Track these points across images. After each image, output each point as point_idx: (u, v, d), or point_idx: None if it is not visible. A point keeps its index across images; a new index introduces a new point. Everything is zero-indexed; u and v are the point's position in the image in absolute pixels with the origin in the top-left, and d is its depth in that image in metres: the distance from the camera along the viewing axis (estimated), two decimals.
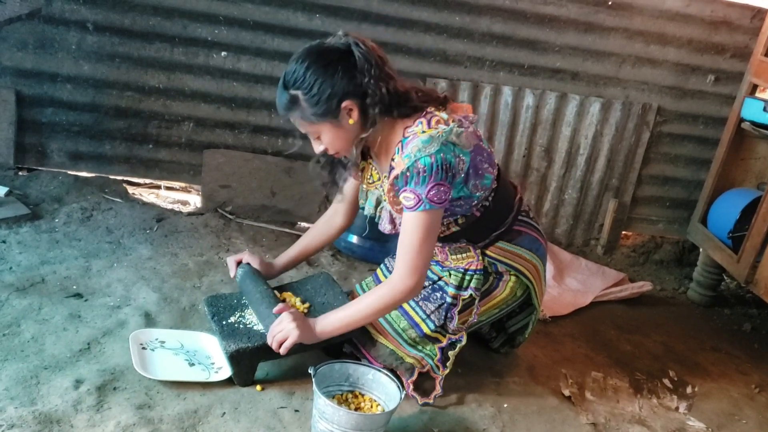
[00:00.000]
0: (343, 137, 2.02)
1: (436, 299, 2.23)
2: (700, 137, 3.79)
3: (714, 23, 3.57)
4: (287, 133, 3.45)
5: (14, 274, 2.47)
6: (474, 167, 2.05)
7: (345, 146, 2.05)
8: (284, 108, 2.00)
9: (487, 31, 3.45)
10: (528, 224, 2.32)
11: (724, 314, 3.44)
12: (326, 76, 1.92)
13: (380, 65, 1.97)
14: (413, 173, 1.93)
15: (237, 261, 2.40)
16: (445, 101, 2.09)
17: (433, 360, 2.21)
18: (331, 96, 1.92)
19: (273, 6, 3.26)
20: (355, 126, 1.99)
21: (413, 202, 1.95)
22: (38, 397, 1.89)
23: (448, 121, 1.98)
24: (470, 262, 2.22)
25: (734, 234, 3.20)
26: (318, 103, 1.93)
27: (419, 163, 1.92)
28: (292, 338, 2.01)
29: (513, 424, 2.20)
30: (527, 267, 2.28)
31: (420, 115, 2.01)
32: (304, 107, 1.95)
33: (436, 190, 1.93)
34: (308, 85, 1.93)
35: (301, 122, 2.01)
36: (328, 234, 2.46)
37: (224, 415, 1.96)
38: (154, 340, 2.20)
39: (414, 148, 1.93)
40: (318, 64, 1.93)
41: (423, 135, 1.93)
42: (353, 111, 1.96)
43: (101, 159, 3.39)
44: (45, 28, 3.14)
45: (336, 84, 1.92)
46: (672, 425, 2.39)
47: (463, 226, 2.17)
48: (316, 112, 1.95)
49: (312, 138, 2.07)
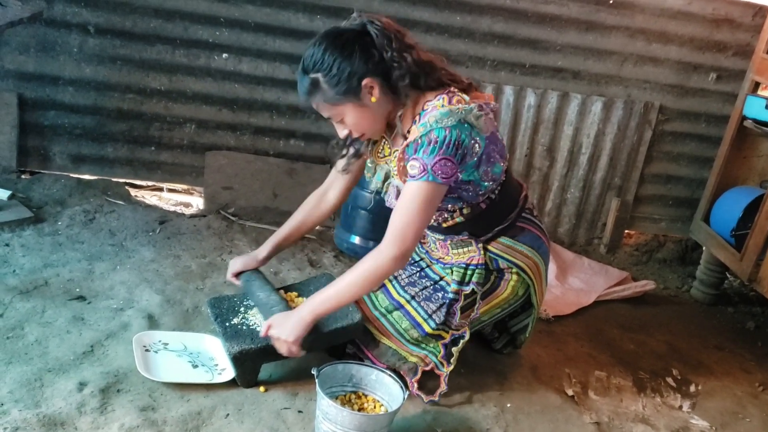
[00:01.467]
0: (367, 117, 2.02)
1: (437, 299, 2.23)
2: (703, 135, 3.79)
3: (716, 21, 3.57)
4: (289, 135, 3.46)
5: (18, 277, 2.48)
6: (487, 154, 2.04)
7: (370, 126, 2.05)
8: (306, 93, 2.00)
9: (489, 30, 3.45)
10: (531, 222, 2.31)
11: (728, 313, 3.44)
12: (344, 55, 1.93)
13: (399, 37, 1.97)
14: (424, 141, 1.92)
15: (234, 274, 2.38)
16: (470, 87, 2.09)
17: (437, 357, 2.21)
18: (351, 74, 1.93)
19: (274, 7, 3.26)
20: (377, 104, 1.99)
21: (417, 171, 1.94)
22: (42, 399, 1.89)
23: (469, 102, 1.98)
24: (471, 256, 2.21)
25: (737, 232, 3.20)
26: (339, 83, 1.94)
27: (433, 133, 1.92)
28: (293, 347, 2.01)
29: (516, 423, 2.19)
30: (528, 264, 2.27)
31: (443, 91, 2.00)
32: (325, 89, 1.96)
33: (442, 163, 1.92)
34: (327, 66, 1.93)
35: (324, 105, 2.01)
36: (319, 212, 2.38)
37: (228, 416, 1.96)
38: (157, 342, 2.21)
39: (431, 119, 1.93)
40: (335, 45, 1.94)
41: (443, 108, 1.93)
42: (374, 89, 1.96)
43: (103, 161, 3.40)
44: (46, 31, 3.15)
45: (354, 63, 1.93)
46: (676, 424, 2.39)
47: (467, 217, 2.17)
48: (337, 92, 1.95)
49: (335, 122, 2.07)
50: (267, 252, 2.39)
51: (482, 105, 2.01)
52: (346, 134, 2.07)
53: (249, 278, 2.34)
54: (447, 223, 2.19)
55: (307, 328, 2.02)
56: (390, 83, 1.98)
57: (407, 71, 1.96)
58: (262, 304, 2.20)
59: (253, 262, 2.38)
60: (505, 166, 2.16)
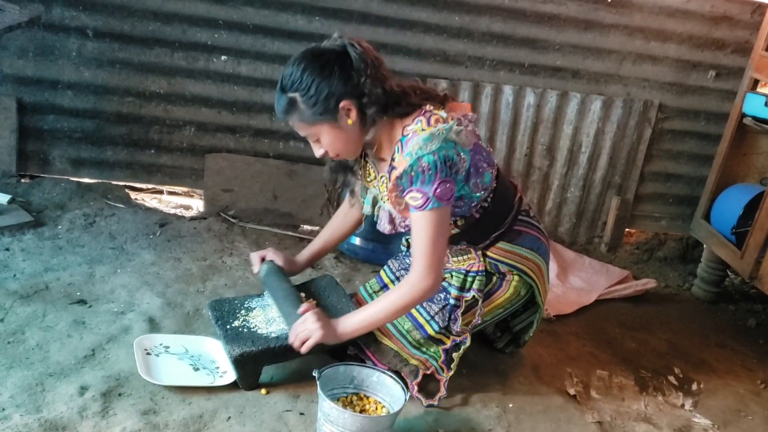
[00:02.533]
0: (342, 138, 2.02)
1: (439, 300, 2.23)
2: (702, 133, 3.78)
3: (714, 19, 3.57)
4: (288, 136, 3.46)
5: (18, 282, 2.48)
6: (474, 165, 2.06)
7: (345, 147, 2.06)
8: (283, 111, 2.01)
9: (487, 30, 3.45)
10: (529, 224, 2.31)
11: (729, 310, 3.44)
12: (323, 76, 1.93)
13: (376, 65, 1.98)
14: (418, 172, 1.93)
15: (261, 257, 2.41)
16: (445, 99, 2.10)
17: (437, 362, 2.21)
18: (328, 96, 1.93)
19: (272, 9, 3.26)
20: (354, 126, 2.00)
21: (421, 201, 1.95)
22: (44, 404, 1.89)
23: (447, 120, 1.98)
24: (471, 263, 2.22)
25: (737, 230, 3.20)
26: (316, 104, 1.94)
27: (423, 162, 1.92)
28: (315, 338, 2.03)
29: (518, 423, 2.19)
30: (529, 266, 2.27)
31: (419, 113, 2.01)
32: (302, 109, 1.97)
33: (442, 187, 1.94)
34: (306, 86, 1.94)
35: (300, 125, 2.02)
36: (346, 227, 2.48)
37: (230, 419, 1.96)
38: (158, 345, 2.21)
39: (415, 146, 1.93)
40: (314, 66, 1.94)
41: (423, 133, 1.94)
42: (351, 111, 1.97)
43: (103, 165, 3.39)
44: (45, 36, 3.15)
45: (333, 84, 1.93)
46: (678, 422, 2.39)
47: (462, 228, 2.18)
48: (314, 113, 1.96)
49: (312, 141, 2.08)
50: (301, 265, 2.48)
51: (460, 119, 2.02)
52: (322, 153, 2.08)
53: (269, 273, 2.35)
54: None
55: (333, 341, 2.08)
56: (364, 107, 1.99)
57: (376, 101, 1.96)
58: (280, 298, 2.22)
59: (288, 264, 2.42)
60: (494, 172, 2.17)
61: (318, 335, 2.02)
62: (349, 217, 2.45)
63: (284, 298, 2.21)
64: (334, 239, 2.51)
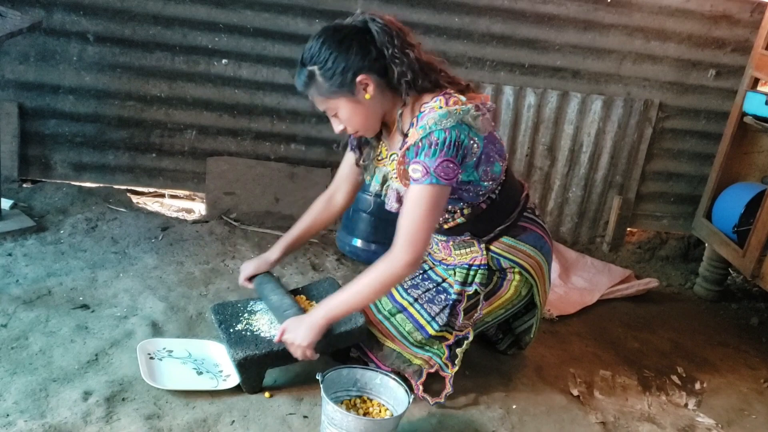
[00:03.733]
0: (360, 113, 2.03)
1: (440, 301, 2.23)
2: (703, 132, 3.78)
3: (714, 18, 3.57)
4: (289, 139, 3.46)
5: (21, 287, 2.48)
6: (486, 154, 2.05)
7: (363, 122, 2.06)
8: (302, 84, 2.02)
9: (487, 31, 3.45)
10: (534, 221, 2.31)
11: (731, 309, 3.43)
12: (340, 50, 1.95)
13: (401, 36, 1.99)
14: (425, 144, 1.93)
15: (246, 278, 2.39)
16: (467, 88, 2.10)
17: (441, 359, 2.21)
18: (345, 69, 1.95)
19: (272, 12, 3.27)
20: (372, 101, 2.00)
21: (420, 174, 1.94)
22: (48, 409, 1.89)
23: (466, 103, 1.98)
24: (474, 257, 2.21)
25: (739, 228, 3.19)
26: (333, 77, 1.96)
27: (433, 135, 1.92)
28: (308, 351, 2.02)
29: (522, 425, 2.19)
30: (530, 264, 2.27)
31: (439, 92, 2.01)
32: (320, 82, 1.98)
33: (445, 165, 1.93)
34: (323, 59, 1.95)
35: (318, 98, 2.03)
36: (328, 214, 2.41)
37: (233, 423, 1.97)
38: (161, 349, 2.21)
39: (430, 120, 1.93)
40: (333, 40, 1.97)
41: (440, 110, 1.94)
42: (369, 86, 1.98)
43: (105, 169, 3.40)
44: (46, 41, 3.15)
45: (350, 58, 1.95)
46: (681, 422, 2.39)
47: (468, 218, 2.17)
48: (331, 86, 1.97)
49: (330, 116, 2.08)
50: (278, 254, 2.40)
51: (479, 105, 2.02)
52: (341, 129, 2.08)
53: (261, 281, 2.34)
54: (448, 224, 2.19)
55: (321, 332, 2.04)
56: (387, 81, 2.00)
57: (408, 68, 1.97)
58: (276, 308, 2.21)
59: (265, 265, 2.39)
60: (504, 165, 2.17)
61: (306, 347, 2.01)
62: (334, 202, 2.40)
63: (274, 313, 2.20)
64: (315, 226, 2.43)
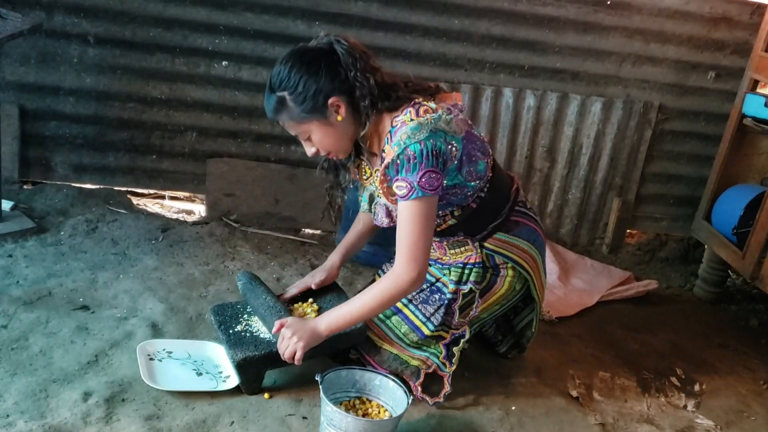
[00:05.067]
0: (332, 135, 2.03)
1: (435, 301, 2.23)
2: (702, 134, 3.79)
3: (713, 20, 3.57)
4: (290, 141, 3.47)
5: (21, 288, 2.49)
6: (467, 154, 2.05)
7: (336, 144, 2.06)
8: (273, 111, 2.02)
9: (487, 33, 3.45)
10: (525, 215, 2.31)
11: (731, 311, 3.44)
12: (310, 73, 1.95)
13: (364, 59, 1.99)
14: (403, 161, 1.93)
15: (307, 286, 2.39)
16: (436, 91, 2.10)
17: (439, 358, 2.21)
18: (316, 92, 1.95)
19: (273, 14, 3.27)
20: (343, 123, 2.01)
21: (405, 191, 1.95)
22: (48, 410, 1.90)
23: (437, 110, 1.98)
24: (469, 255, 2.22)
25: (739, 230, 3.19)
26: (305, 101, 1.96)
27: (409, 150, 1.92)
28: (300, 351, 2.02)
29: (521, 426, 2.20)
30: (525, 258, 2.26)
31: (407, 105, 2.01)
32: (291, 107, 1.98)
33: (427, 176, 1.93)
34: (293, 84, 1.95)
35: (290, 123, 2.03)
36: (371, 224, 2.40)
37: (233, 424, 1.97)
38: (161, 350, 2.21)
39: (403, 136, 1.93)
40: (301, 63, 1.96)
41: (411, 123, 1.94)
42: (341, 107, 1.98)
43: (105, 171, 3.40)
44: (47, 42, 3.16)
45: (321, 80, 1.95)
46: (680, 423, 2.39)
47: (459, 219, 2.17)
48: (303, 110, 1.97)
49: (303, 140, 2.08)
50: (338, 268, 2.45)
51: (450, 108, 2.03)
52: (313, 152, 2.09)
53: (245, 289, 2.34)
54: (440, 227, 2.19)
55: (319, 341, 2.06)
56: (355, 102, 2.00)
57: (368, 93, 1.97)
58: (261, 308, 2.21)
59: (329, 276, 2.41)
60: (489, 161, 2.16)
61: (300, 346, 2.01)
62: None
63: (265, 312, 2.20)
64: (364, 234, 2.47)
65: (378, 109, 2.01)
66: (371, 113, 2.00)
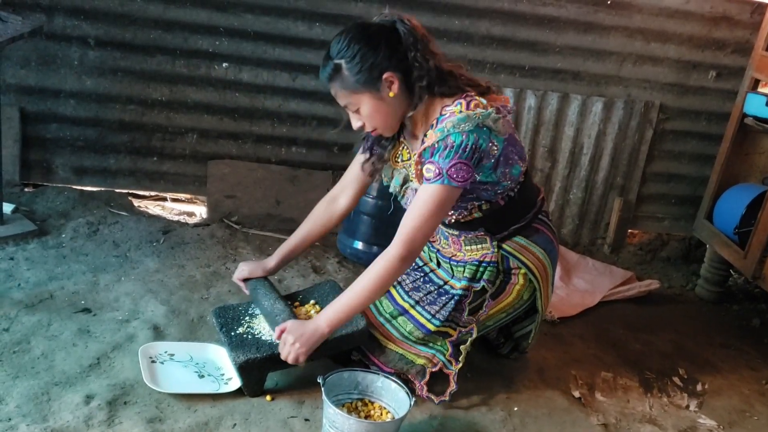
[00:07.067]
0: (382, 110, 2.04)
1: (441, 301, 2.23)
2: (704, 133, 3.78)
3: (714, 19, 3.57)
4: (290, 142, 3.47)
5: (23, 291, 2.48)
6: (505, 156, 2.06)
7: (384, 120, 2.07)
8: (327, 77, 2.03)
9: (487, 33, 3.45)
10: (546, 224, 2.32)
11: (733, 310, 3.43)
12: (369, 46, 1.97)
13: (425, 42, 2.02)
14: (440, 146, 1.95)
15: (241, 279, 2.39)
16: (488, 90, 2.11)
17: (445, 355, 2.21)
18: (373, 66, 1.97)
19: (273, 16, 3.27)
20: (395, 100, 2.02)
21: (433, 174, 1.96)
22: (50, 413, 1.90)
23: (487, 107, 1.99)
24: (485, 254, 2.22)
25: (740, 229, 3.19)
26: (360, 72, 1.97)
27: (449, 138, 1.94)
28: (302, 355, 2.02)
29: (524, 427, 2.19)
30: (537, 267, 2.27)
31: (460, 96, 2.03)
32: (345, 76, 1.99)
33: (458, 167, 1.94)
34: (351, 54, 1.97)
35: (342, 93, 2.04)
36: (329, 217, 2.38)
37: (235, 426, 1.97)
38: (163, 353, 2.21)
39: (449, 124, 1.95)
40: (362, 36, 1.99)
41: (460, 114, 1.96)
42: (394, 84, 1.99)
43: (106, 173, 3.41)
44: (47, 45, 3.16)
45: (378, 55, 1.97)
46: (683, 423, 2.38)
47: (486, 213, 2.17)
48: (357, 81, 1.98)
49: (350, 111, 2.09)
50: (275, 263, 2.41)
51: (500, 108, 2.04)
52: (359, 126, 2.09)
53: (255, 286, 2.34)
54: (466, 218, 2.19)
55: (322, 340, 2.04)
56: (409, 82, 2.01)
57: (426, 74, 1.99)
58: (267, 313, 2.21)
59: (260, 271, 2.39)
60: (524, 167, 2.18)
61: (302, 351, 2.01)
62: (337, 205, 2.37)
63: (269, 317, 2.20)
64: (316, 231, 2.39)
65: (433, 92, 2.02)
66: (425, 95, 2.01)
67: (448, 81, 2.04)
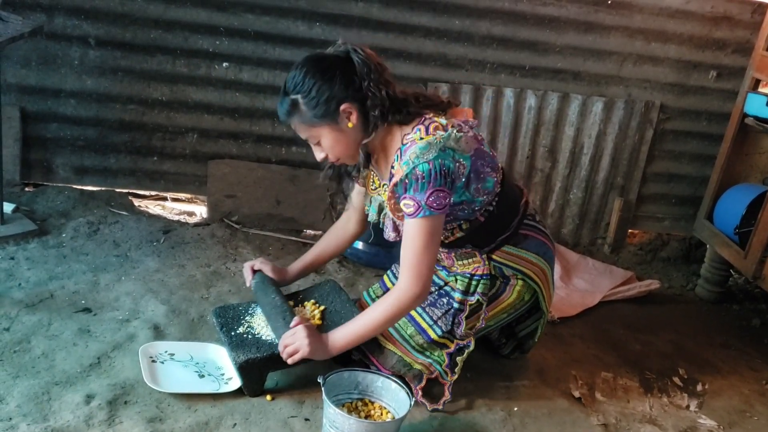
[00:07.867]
0: (342, 141, 2.04)
1: (442, 305, 2.23)
2: (704, 133, 3.78)
3: (714, 19, 3.57)
4: (291, 142, 3.47)
5: (23, 291, 2.49)
6: (475, 171, 2.06)
7: (345, 151, 2.07)
8: (285, 114, 2.04)
9: (487, 33, 3.45)
10: (535, 228, 2.31)
11: (733, 310, 3.43)
12: (324, 79, 1.97)
13: (379, 71, 2.01)
14: (412, 180, 1.95)
15: (251, 267, 2.41)
16: (448, 106, 2.11)
17: (441, 366, 2.21)
18: (329, 98, 1.96)
19: (273, 16, 3.27)
20: (354, 130, 2.02)
21: (413, 209, 1.96)
22: (50, 413, 1.90)
23: (447, 127, 1.99)
24: (476, 267, 2.22)
25: (741, 230, 3.19)
26: (317, 106, 1.97)
27: (417, 170, 1.93)
28: (302, 353, 2.02)
29: (523, 427, 2.20)
30: (534, 270, 2.27)
31: (418, 121, 2.02)
32: (303, 111, 1.99)
33: (435, 196, 1.94)
34: (307, 88, 1.97)
35: (301, 127, 2.05)
36: (341, 241, 2.48)
37: (235, 426, 1.97)
38: (163, 352, 2.21)
39: (412, 155, 1.94)
40: (316, 69, 1.98)
41: (421, 142, 1.95)
42: (352, 114, 1.99)
43: (106, 172, 3.41)
44: (47, 45, 3.16)
45: (334, 87, 1.96)
46: (683, 424, 2.39)
47: (467, 232, 2.17)
48: (315, 115, 1.98)
49: (312, 144, 2.10)
50: (296, 273, 2.46)
51: (460, 125, 2.04)
52: (322, 157, 2.10)
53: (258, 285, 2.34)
54: (448, 239, 2.19)
55: (324, 357, 2.08)
56: (367, 111, 2.01)
57: (379, 103, 1.99)
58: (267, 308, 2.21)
59: (277, 274, 2.41)
60: (498, 177, 2.16)
61: (306, 350, 2.02)
62: (347, 230, 2.46)
63: (273, 312, 2.20)
64: (329, 251, 2.50)
65: (388, 121, 2.02)
66: (380, 124, 2.01)
67: (402, 108, 2.03)
